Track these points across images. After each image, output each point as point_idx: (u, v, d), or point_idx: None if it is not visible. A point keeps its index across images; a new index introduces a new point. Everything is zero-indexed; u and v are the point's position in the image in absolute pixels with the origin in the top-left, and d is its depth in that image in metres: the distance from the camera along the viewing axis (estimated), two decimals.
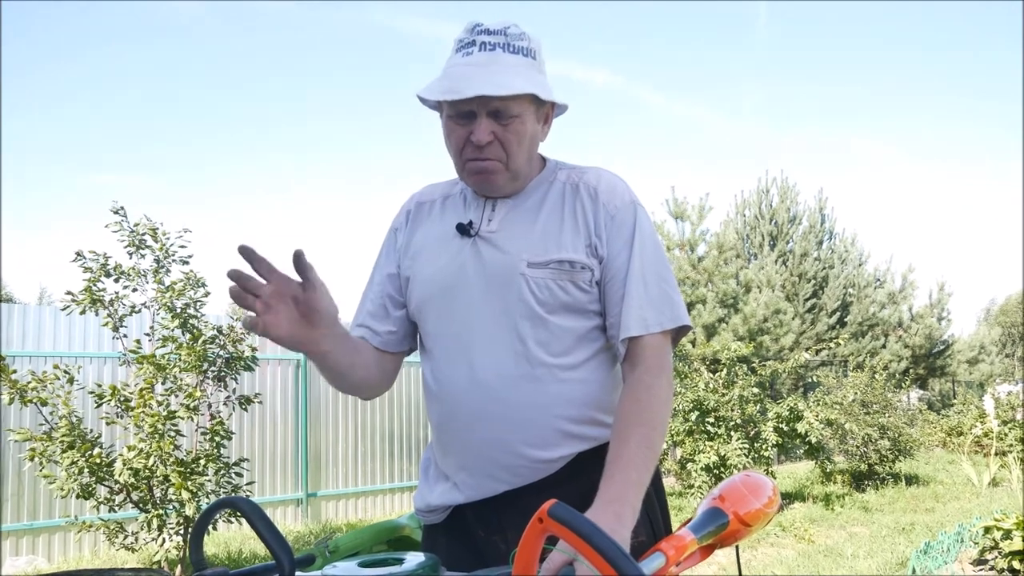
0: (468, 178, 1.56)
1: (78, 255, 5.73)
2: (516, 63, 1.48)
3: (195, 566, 1.26)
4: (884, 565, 6.13)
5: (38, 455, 5.42)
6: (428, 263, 1.59)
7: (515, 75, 1.46)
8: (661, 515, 1.59)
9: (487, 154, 1.49)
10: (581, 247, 1.51)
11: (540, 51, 1.54)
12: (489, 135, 1.47)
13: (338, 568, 1.31)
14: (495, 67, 1.46)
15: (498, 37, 1.48)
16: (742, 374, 9.64)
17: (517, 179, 1.56)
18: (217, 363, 6.01)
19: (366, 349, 1.62)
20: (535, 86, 1.48)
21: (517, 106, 1.48)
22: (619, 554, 0.95)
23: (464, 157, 1.51)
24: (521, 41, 1.50)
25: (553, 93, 1.53)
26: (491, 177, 1.52)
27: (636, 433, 1.41)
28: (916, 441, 11.95)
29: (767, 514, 1.40)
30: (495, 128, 1.48)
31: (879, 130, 60.64)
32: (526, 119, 1.50)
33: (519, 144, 1.50)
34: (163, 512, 5.60)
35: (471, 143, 1.48)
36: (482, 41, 1.48)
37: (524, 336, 1.49)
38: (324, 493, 9.28)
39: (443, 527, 1.59)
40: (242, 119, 62.80)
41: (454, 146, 1.53)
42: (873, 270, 21.14)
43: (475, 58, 1.47)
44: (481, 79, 1.44)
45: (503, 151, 1.50)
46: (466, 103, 1.46)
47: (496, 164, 1.51)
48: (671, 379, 1.54)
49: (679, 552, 1.19)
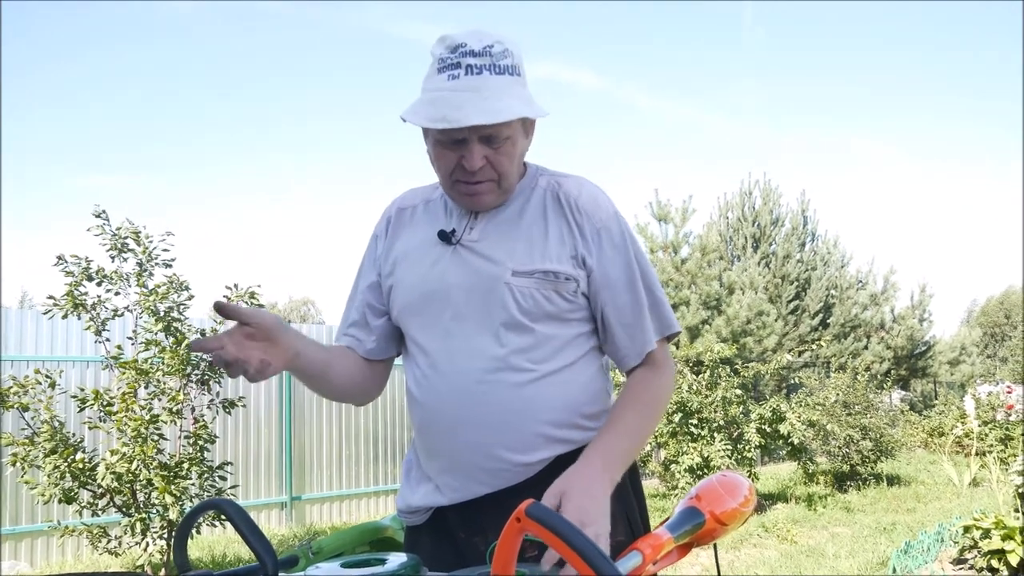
0: (460, 199, 1.56)
1: (59, 259, 5.71)
2: (504, 85, 1.47)
3: (179, 568, 1.27)
4: (865, 565, 6.18)
5: (20, 460, 5.40)
6: (410, 270, 1.61)
7: (508, 99, 1.45)
8: (640, 515, 1.62)
9: (479, 177, 1.50)
10: (566, 258, 1.53)
11: (522, 62, 1.54)
12: (482, 160, 1.48)
13: (321, 569, 1.32)
14: (485, 92, 1.44)
15: (484, 59, 1.46)
16: (725, 376, 9.69)
17: (507, 194, 1.57)
18: (200, 367, 5.99)
19: (351, 356, 1.65)
20: (526, 107, 1.48)
21: (508, 129, 1.48)
22: (595, 553, 0.97)
23: (454, 179, 1.52)
24: (505, 59, 1.48)
25: (537, 104, 1.53)
26: (483, 198, 1.54)
27: (634, 409, 1.51)
28: (898, 442, 12.04)
29: (743, 513, 1.42)
30: (486, 152, 1.48)
31: (867, 132, 61.17)
32: (516, 139, 1.51)
33: (510, 163, 1.52)
34: (146, 516, 5.58)
35: (462, 167, 1.49)
36: (467, 64, 1.45)
37: (506, 343, 1.51)
38: (308, 496, 9.27)
39: (425, 528, 1.60)
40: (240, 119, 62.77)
41: (443, 170, 1.53)
42: (855, 272, 21.33)
43: (462, 83, 1.45)
44: (472, 106, 1.42)
45: (495, 172, 1.51)
46: (459, 131, 1.45)
47: (489, 186, 1.52)
48: (674, 377, 1.62)
49: (656, 551, 1.22)
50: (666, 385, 1.58)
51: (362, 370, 1.66)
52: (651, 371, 1.57)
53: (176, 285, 5.98)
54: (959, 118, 59.10)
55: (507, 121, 1.45)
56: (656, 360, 1.58)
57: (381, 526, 1.70)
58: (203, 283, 40.42)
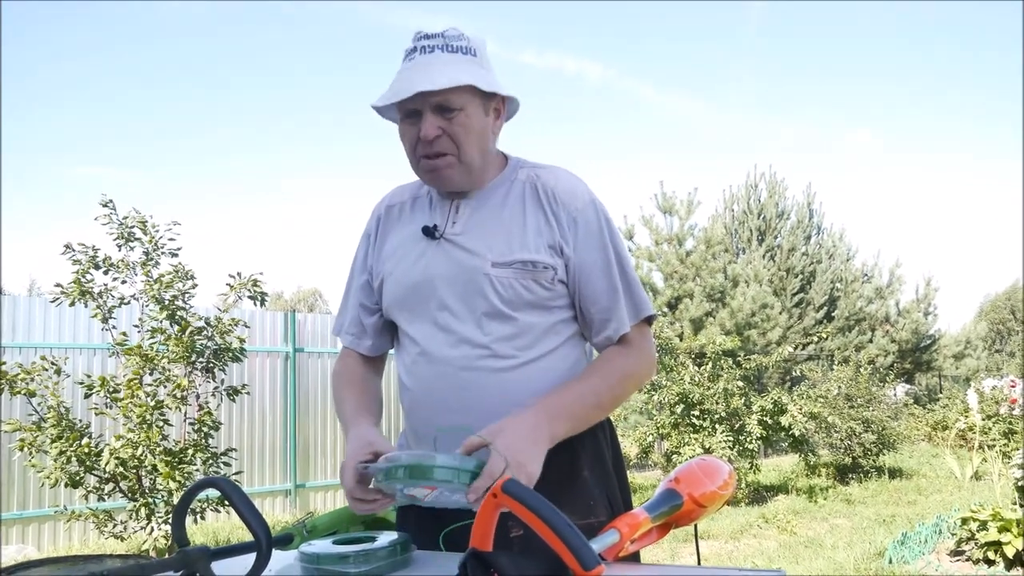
0: (424, 176, 1.63)
1: (67, 247, 5.78)
2: (454, 60, 1.56)
3: (178, 543, 1.32)
4: (862, 556, 6.22)
5: (27, 445, 5.48)
6: (397, 265, 1.67)
7: (452, 70, 1.54)
8: (621, 496, 1.67)
9: (437, 148, 1.56)
10: (544, 247, 1.58)
11: (483, 50, 1.61)
12: (436, 130, 1.54)
13: (314, 546, 1.38)
14: (433, 65, 1.54)
15: (436, 40, 1.56)
16: (727, 367, 9.72)
17: (471, 173, 1.62)
18: (205, 354, 6.06)
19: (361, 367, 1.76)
20: (472, 78, 1.55)
21: (458, 98, 1.54)
22: (570, 530, 1.02)
23: (417, 155, 1.59)
24: (459, 41, 1.57)
25: (499, 87, 1.60)
26: (444, 172, 1.59)
27: (594, 376, 1.58)
28: (900, 435, 12.05)
29: (722, 496, 1.47)
30: (441, 123, 1.55)
31: (870, 124, 60.87)
32: (471, 112, 1.57)
33: (467, 136, 1.57)
34: (151, 501, 5.66)
35: (422, 141, 1.56)
36: (422, 46, 1.56)
37: (489, 332, 1.57)
38: (312, 484, 9.35)
39: (415, 508, 1.65)
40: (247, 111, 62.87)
41: (408, 147, 1.60)
42: (861, 265, 21.27)
43: (416, 61, 1.56)
44: (420, 77, 1.52)
45: (453, 144, 1.57)
46: (410, 102, 1.53)
47: (449, 159, 1.57)
48: (649, 364, 1.66)
49: (633, 529, 1.26)
50: (635, 364, 1.62)
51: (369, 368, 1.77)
52: (623, 348, 1.62)
53: (181, 274, 6.05)
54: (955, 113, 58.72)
55: (456, 90, 1.53)
56: (630, 341, 1.63)
57: None
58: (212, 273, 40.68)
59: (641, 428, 10.14)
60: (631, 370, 1.62)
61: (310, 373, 9.49)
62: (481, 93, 1.58)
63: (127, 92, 57.65)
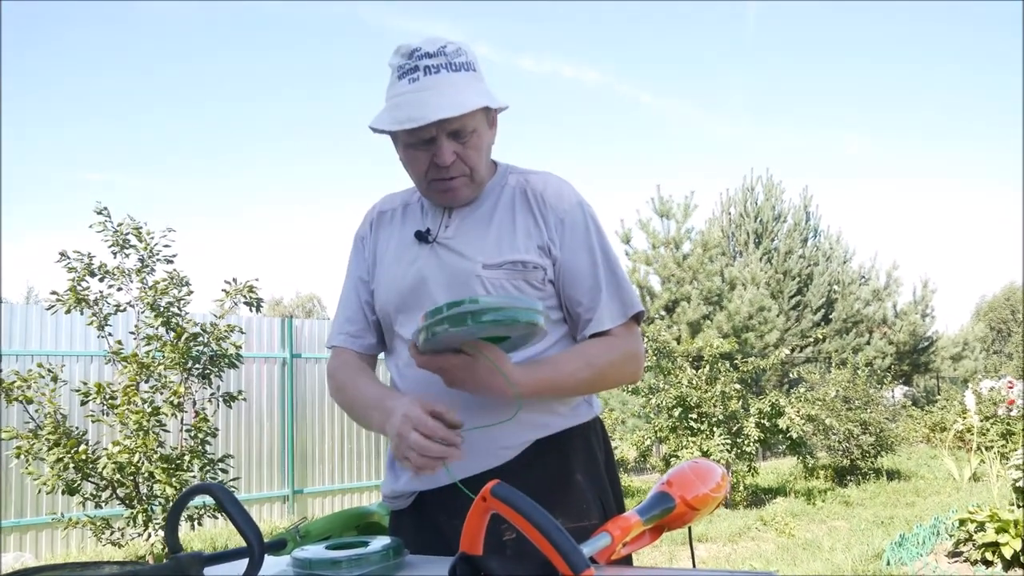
0: (436, 196, 1.64)
1: (62, 255, 5.78)
2: (462, 80, 1.54)
3: (171, 549, 1.32)
4: (860, 557, 6.23)
5: (24, 452, 5.47)
6: (391, 269, 1.68)
7: (468, 92, 1.53)
8: (614, 499, 1.67)
9: (452, 173, 1.57)
10: (533, 248, 1.60)
11: (476, 60, 1.60)
12: (453, 155, 1.54)
13: (307, 551, 1.38)
14: (445, 88, 1.51)
15: (439, 59, 1.53)
16: (725, 370, 9.72)
17: (481, 187, 1.65)
18: (201, 360, 6.06)
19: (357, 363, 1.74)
20: (486, 98, 1.56)
21: (473, 121, 1.55)
22: (558, 533, 1.02)
23: (429, 178, 1.59)
24: (460, 57, 1.55)
25: (499, 99, 1.61)
26: (459, 192, 1.61)
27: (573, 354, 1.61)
28: (898, 437, 12.06)
29: (714, 498, 1.47)
30: (456, 148, 1.55)
31: (868, 127, 60.96)
32: (481, 132, 1.58)
33: (479, 156, 1.59)
34: (148, 508, 5.65)
35: (435, 166, 1.56)
36: (425, 65, 1.52)
37: None
38: (310, 490, 9.34)
39: (408, 512, 1.66)
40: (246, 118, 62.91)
41: (417, 171, 1.60)
42: (858, 267, 21.29)
43: (422, 83, 1.52)
44: (435, 102, 1.49)
45: (466, 166, 1.58)
46: (426, 129, 1.51)
47: (462, 180, 1.59)
48: (630, 356, 1.65)
49: (624, 532, 1.26)
50: (616, 353, 1.61)
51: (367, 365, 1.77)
52: (605, 337, 1.62)
53: (176, 280, 6.05)
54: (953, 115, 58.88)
55: (471, 113, 1.52)
56: (613, 334, 1.62)
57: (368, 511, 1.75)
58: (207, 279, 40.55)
59: (639, 431, 10.14)
60: (612, 357, 1.61)
61: (307, 379, 9.48)
62: (487, 109, 1.59)
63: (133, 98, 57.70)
